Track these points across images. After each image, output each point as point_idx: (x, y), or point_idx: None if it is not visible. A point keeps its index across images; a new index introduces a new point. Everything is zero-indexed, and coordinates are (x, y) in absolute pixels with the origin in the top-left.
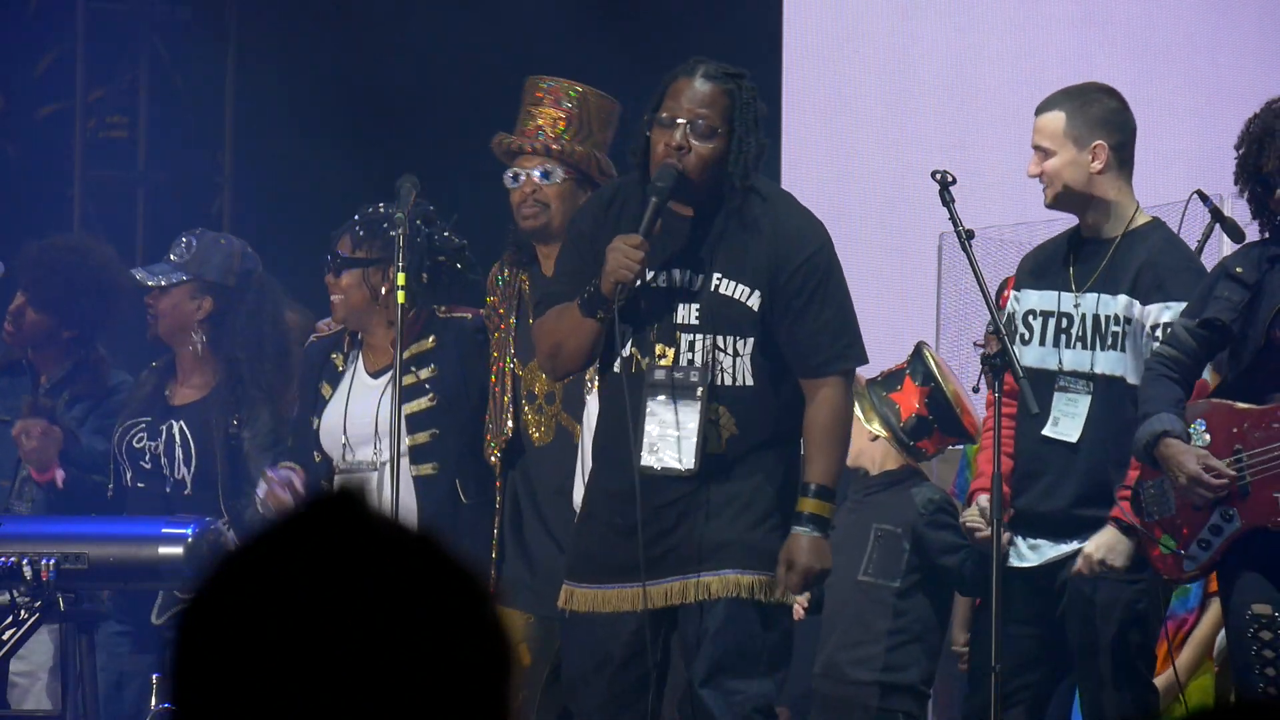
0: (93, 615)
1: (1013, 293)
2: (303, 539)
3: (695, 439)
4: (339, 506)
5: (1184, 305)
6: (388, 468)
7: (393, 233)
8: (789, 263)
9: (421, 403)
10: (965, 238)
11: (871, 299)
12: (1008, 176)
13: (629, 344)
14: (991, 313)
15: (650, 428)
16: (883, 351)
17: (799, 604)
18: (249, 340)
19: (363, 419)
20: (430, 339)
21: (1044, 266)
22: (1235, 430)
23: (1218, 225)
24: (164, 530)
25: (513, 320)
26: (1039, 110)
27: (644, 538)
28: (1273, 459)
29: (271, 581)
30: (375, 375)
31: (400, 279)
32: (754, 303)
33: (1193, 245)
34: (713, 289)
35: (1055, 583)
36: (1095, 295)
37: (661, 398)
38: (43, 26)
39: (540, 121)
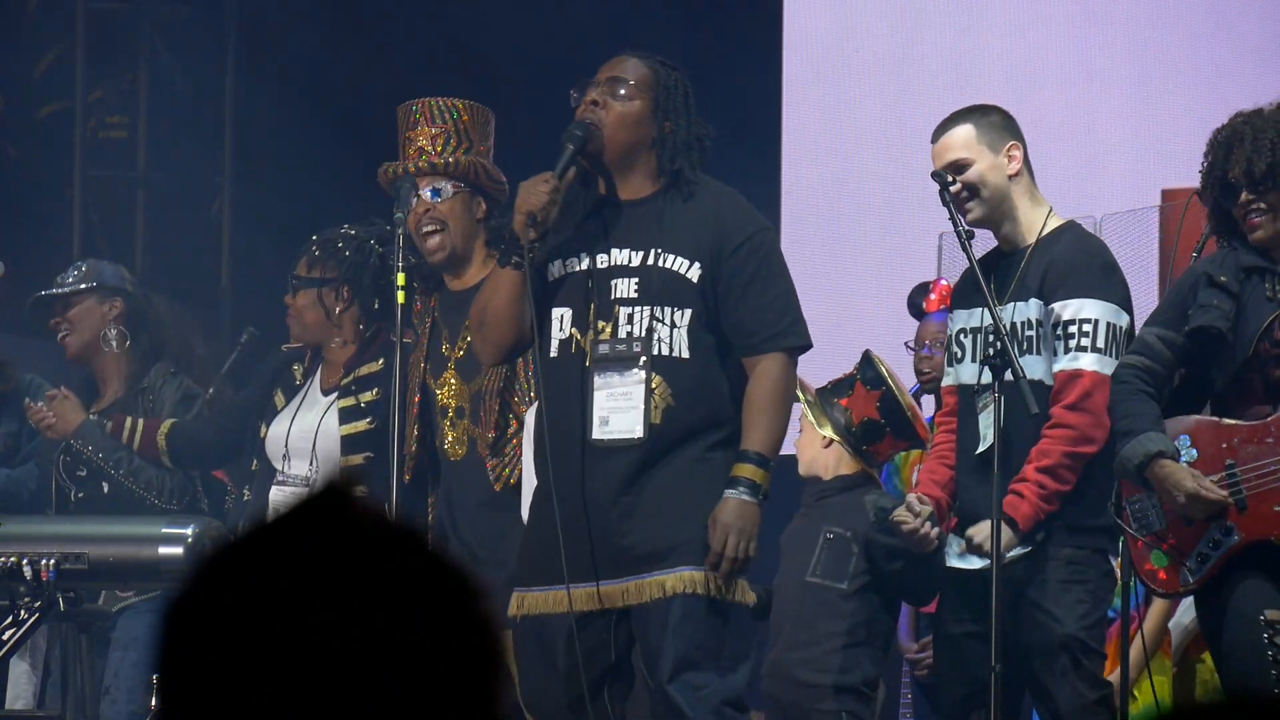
0: (93, 615)
1: (949, 315)
2: (290, 536)
3: (642, 407)
4: (327, 503)
5: (1091, 301)
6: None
7: (347, 253)
8: (731, 240)
9: (360, 425)
10: (965, 238)
11: (871, 299)
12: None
13: (567, 325)
14: (992, 313)
15: (599, 401)
16: (883, 351)
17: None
18: (165, 337)
19: (304, 434)
20: (380, 361)
21: (971, 285)
22: (1225, 446)
23: None
24: (164, 530)
25: (424, 339)
26: (938, 135)
27: (594, 534)
28: (1268, 473)
29: (260, 579)
30: (326, 392)
31: (400, 279)
32: (693, 274)
33: (1192, 245)
34: (650, 262)
35: (1002, 583)
36: (1013, 305)
37: (607, 372)
38: (43, 26)
39: (420, 143)
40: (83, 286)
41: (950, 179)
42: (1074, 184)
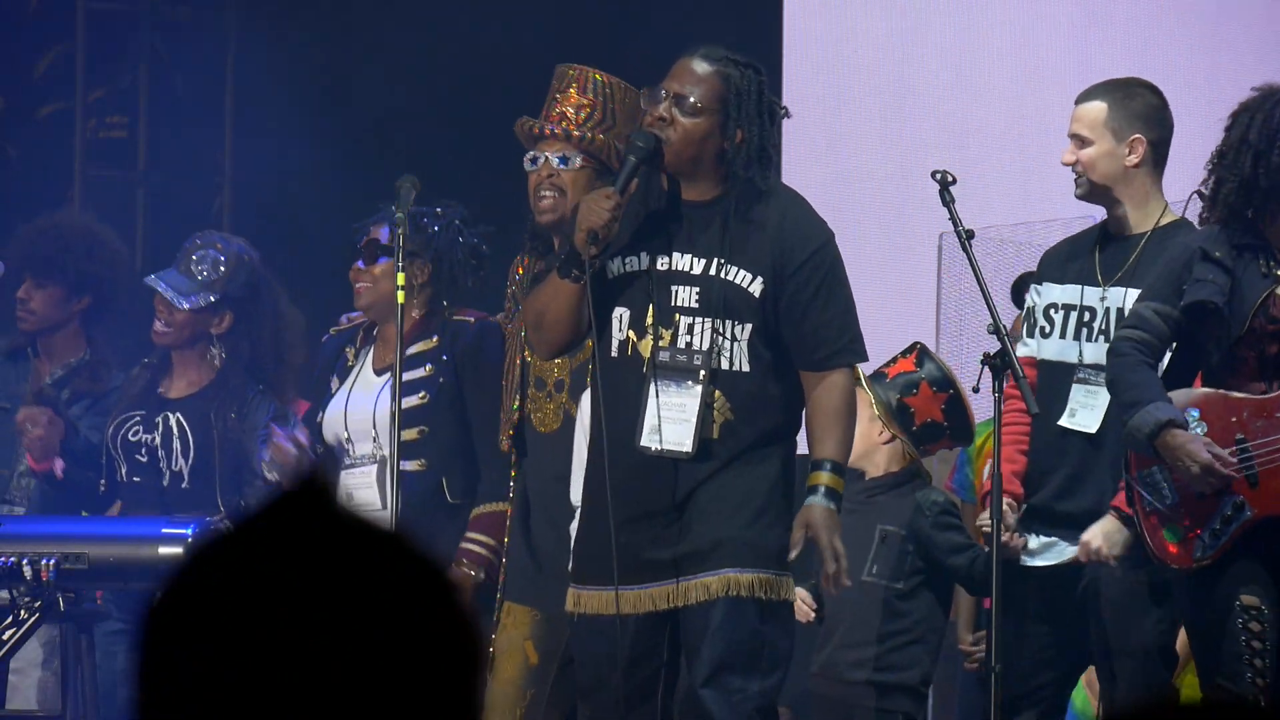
0: (93, 615)
1: (1034, 286)
2: (268, 534)
3: (694, 422)
4: (304, 502)
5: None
6: (388, 462)
7: (434, 228)
8: (795, 255)
9: (413, 400)
10: (965, 238)
11: (871, 299)
12: (1008, 176)
13: (625, 327)
14: (992, 312)
15: (652, 408)
16: (883, 351)
17: (808, 607)
18: (259, 340)
19: (362, 414)
20: (434, 338)
21: (1069, 261)
22: (1234, 420)
23: None
24: (164, 530)
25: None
26: (1079, 100)
27: (642, 538)
28: (1279, 449)
29: (238, 576)
30: (379, 372)
31: (400, 279)
32: (755, 289)
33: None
34: (713, 273)
35: (1075, 582)
36: (1122, 290)
37: (664, 380)
38: (43, 26)
39: (564, 108)
40: (197, 304)
41: (948, 180)
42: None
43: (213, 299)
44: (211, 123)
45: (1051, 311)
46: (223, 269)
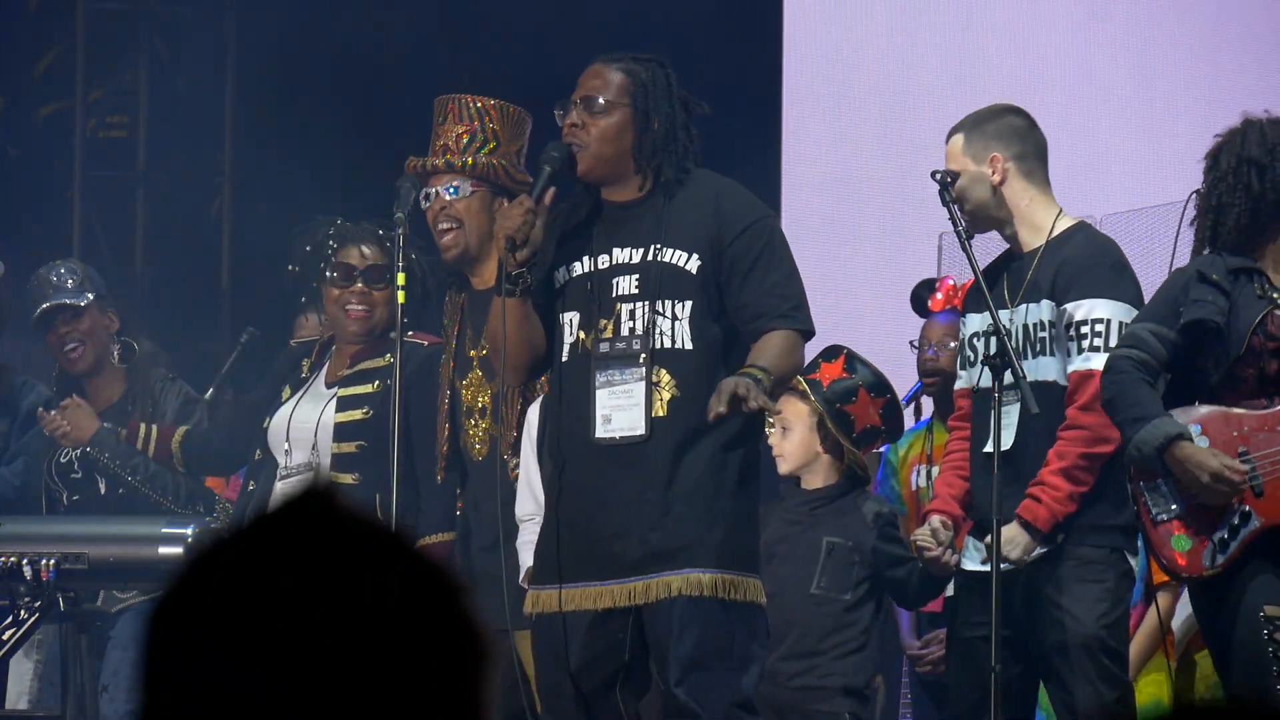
0: (93, 615)
1: (960, 320)
2: (275, 536)
3: (643, 404)
4: (309, 505)
5: (1103, 301)
6: (322, 471)
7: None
8: (732, 227)
9: (355, 414)
10: (965, 238)
11: (871, 299)
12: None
13: (575, 329)
14: (992, 313)
15: (602, 399)
16: (883, 351)
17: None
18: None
19: (305, 424)
20: (386, 356)
21: (982, 289)
22: (1236, 434)
23: None
24: (164, 530)
25: (452, 342)
26: (946, 139)
27: (603, 534)
28: None
29: (243, 579)
30: (330, 385)
31: (400, 279)
32: (693, 266)
33: (1191, 245)
34: (650, 258)
35: (1015, 586)
36: (1024, 306)
37: (609, 370)
38: (43, 26)
39: (445, 140)
40: (91, 297)
41: (947, 180)
42: (1074, 184)
43: (98, 294)
44: (211, 123)
45: (975, 340)
46: (79, 270)
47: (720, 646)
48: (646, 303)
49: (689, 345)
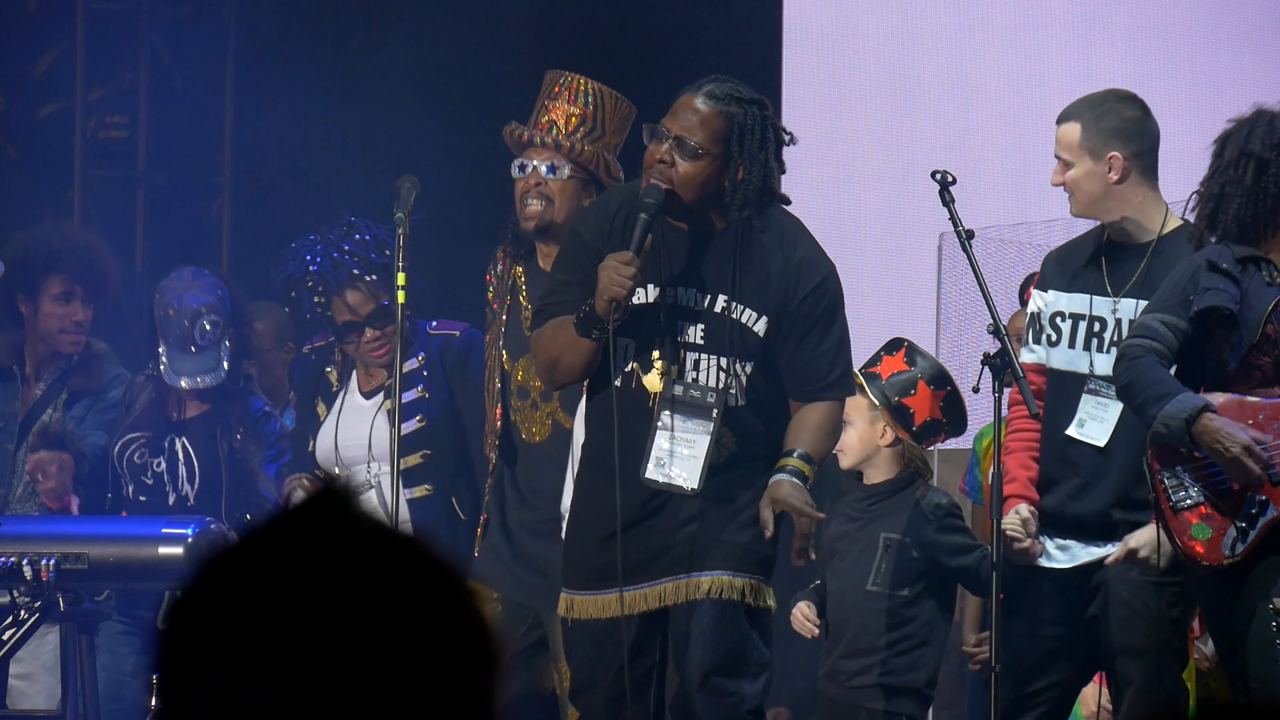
0: (93, 615)
1: (1036, 291)
2: (290, 539)
3: (703, 460)
4: (325, 508)
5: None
6: (385, 485)
7: (384, 261)
8: (800, 289)
9: (411, 425)
10: (965, 238)
11: (871, 299)
12: (1008, 176)
13: (629, 359)
14: (992, 312)
15: (660, 442)
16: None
17: (810, 622)
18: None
19: (355, 440)
20: (420, 356)
21: (1074, 268)
22: (1251, 422)
23: None
24: (164, 530)
25: (504, 316)
26: (1059, 120)
27: (634, 538)
28: None
29: (259, 581)
30: (368, 396)
31: (400, 279)
32: (760, 328)
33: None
34: (719, 310)
35: (1087, 585)
36: (1133, 301)
37: (674, 414)
38: (43, 26)
39: (553, 116)
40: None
41: (948, 180)
42: None
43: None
44: (211, 123)
45: (1059, 320)
46: (217, 319)
47: (742, 652)
48: (716, 358)
49: (743, 401)
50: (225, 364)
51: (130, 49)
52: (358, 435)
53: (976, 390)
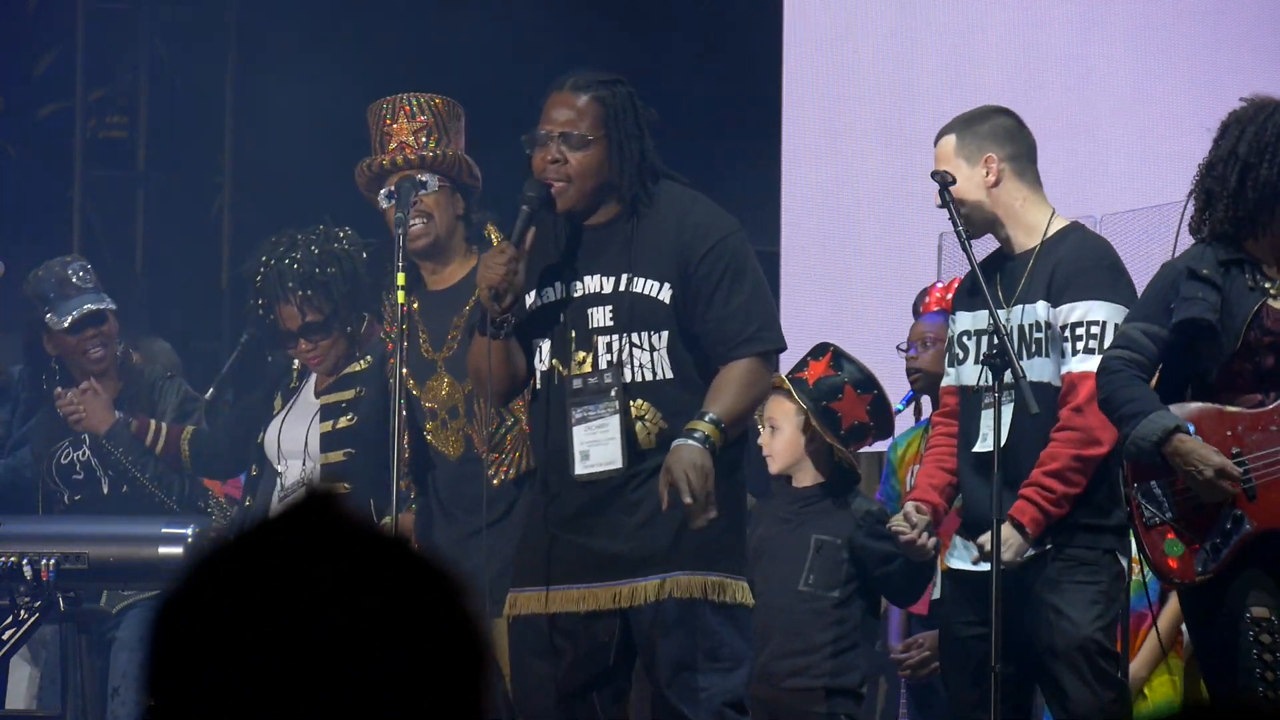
0: (94, 615)
1: (949, 317)
2: (278, 540)
3: (619, 438)
4: (312, 508)
5: (1098, 303)
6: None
7: (331, 285)
8: (695, 252)
9: (340, 421)
10: (965, 238)
11: (871, 299)
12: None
13: (547, 356)
14: (992, 313)
15: (579, 436)
16: (883, 352)
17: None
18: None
19: (295, 438)
20: (367, 359)
21: (973, 288)
22: (1230, 433)
23: None
24: (164, 530)
25: (404, 344)
26: (935, 140)
27: (586, 538)
28: (1276, 462)
29: (247, 582)
30: (319, 394)
31: (400, 279)
32: (665, 296)
33: (1190, 245)
34: (623, 289)
35: (1008, 587)
36: (1020, 307)
37: (583, 406)
38: (43, 26)
39: (400, 137)
40: (109, 301)
41: (947, 180)
42: (1074, 184)
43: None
44: (211, 123)
45: (965, 339)
46: (87, 270)
47: (709, 647)
48: (625, 335)
49: (669, 375)
50: (107, 299)
51: (130, 49)
52: (298, 431)
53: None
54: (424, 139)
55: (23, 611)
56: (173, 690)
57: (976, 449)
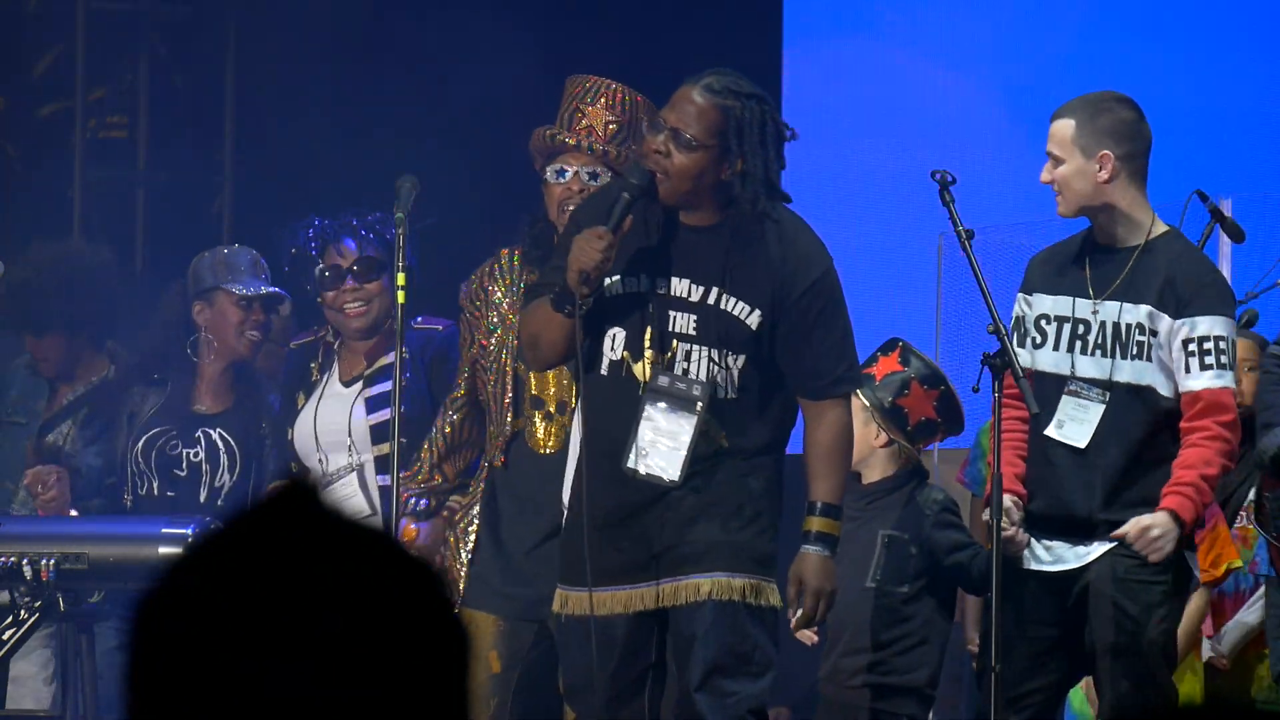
0: (93, 615)
1: (1021, 295)
2: (257, 535)
3: (685, 452)
4: (292, 503)
5: (1220, 319)
6: (368, 470)
7: (389, 235)
8: (795, 286)
9: (387, 413)
10: (965, 238)
11: (871, 299)
12: (1008, 176)
13: (619, 347)
14: (992, 312)
15: (644, 432)
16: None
17: (807, 634)
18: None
19: (334, 426)
20: (403, 349)
21: (1058, 271)
22: None
23: (1217, 226)
24: (164, 530)
25: (511, 316)
26: (1054, 116)
27: (631, 539)
28: None
29: (227, 575)
30: (348, 384)
31: (400, 279)
32: (753, 321)
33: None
34: (712, 302)
35: (1075, 586)
36: (1116, 304)
37: (659, 404)
38: (43, 26)
39: (591, 121)
40: (274, 290)
41: (947, 180)
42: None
43: (282, 293)
44: (211, 123)
45: (1043, 323)
46: (259, 258)
47: (743, 652)
48: (706, 349)
49: (734, 395)
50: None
51: (130, 49)
52: (337, 422)
53: (977, 390)
54: (611, 133)
55: (23, 611)
56: (153, 685)
57: (1051, 433)
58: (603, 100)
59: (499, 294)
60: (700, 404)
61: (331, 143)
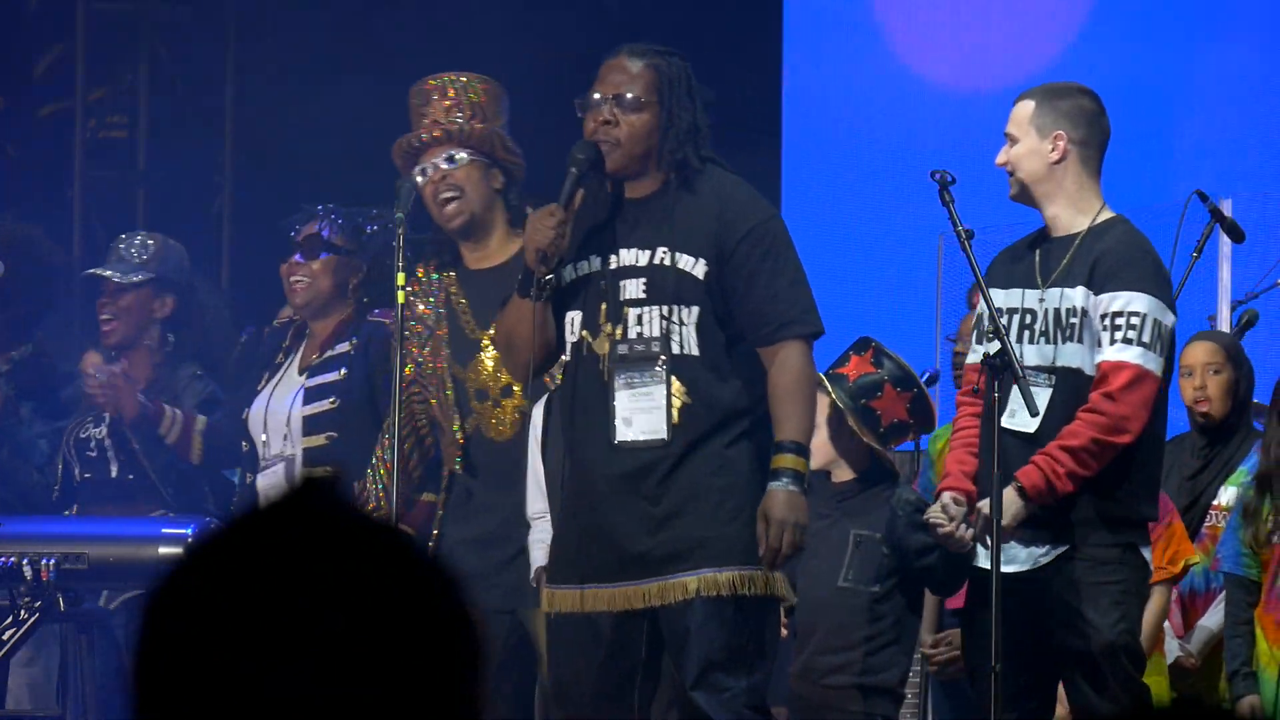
0: (93, 615)
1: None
2: (271, 529)
3: (664, 408)
4: (307, 498)
5: (1140, 295)
6: (297, 462)
7: (368, 229)
8: (736, 230)
9: (323, 405)
10: (965, 238)
11: (871, 299)
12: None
13: (578, 328)
14: (991, 312)
15: (621, 401)
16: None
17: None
18: (204, 325)
19: (278, 414)
20: (351, 342)
21: (1011, 265)
22: None
23: (1217, 225)
24: (164, 530)
25: (443, 326)
26: (1016, 100)
27: (619, 536)
28: None
29: (238, 571)
30: (302, 372)
31: (400, 279)
32: (699, 271)
33: (1192, 245)
34: (659, 262)
35: (1029, 589)
36: (1058, 290)
37: (626, 372)
38: (43, 26)
39: (434, 115)
40: (139, 278)
41: (947, 179)
42: None
43: (151, 276)
44: (211, 123)
45: (999, 316)
46: (151, 247)
47: (737, 646)
48: (656, 308)
49: (695, 351)
50: (149, 276)
51: (130, 49)
52: (282, 407)
53: (976, 391)
54: (455, 114)
55: (23, 611)
56: (160, 682)
57: (1005, 423)
58: (435, 94)
59: (421, 306)
60: (663, 357)
61: (331, 143)
